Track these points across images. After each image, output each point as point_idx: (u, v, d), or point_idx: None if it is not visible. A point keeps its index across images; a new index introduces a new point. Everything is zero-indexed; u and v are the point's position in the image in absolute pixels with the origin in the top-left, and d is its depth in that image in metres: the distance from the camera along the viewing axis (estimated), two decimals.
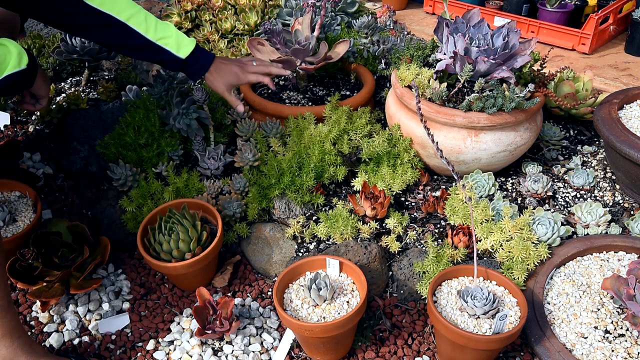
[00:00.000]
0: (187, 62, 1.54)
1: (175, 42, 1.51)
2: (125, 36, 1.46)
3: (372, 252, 1.47)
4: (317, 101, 1.95)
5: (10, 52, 1.30)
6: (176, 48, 1.51)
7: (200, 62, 1.57)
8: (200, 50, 1.57)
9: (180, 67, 1.55)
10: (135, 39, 1.46)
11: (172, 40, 1.50)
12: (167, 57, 1.51)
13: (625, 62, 2.36)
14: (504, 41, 1.56)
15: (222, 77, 1.61)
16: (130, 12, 1.45)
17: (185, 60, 1.53)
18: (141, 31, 1.46)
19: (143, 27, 1.47)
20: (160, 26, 1.50)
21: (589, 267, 1.45)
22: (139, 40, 1.47)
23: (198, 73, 1.58)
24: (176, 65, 1.54)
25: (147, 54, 1.51)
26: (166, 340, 1.45)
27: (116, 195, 1.75)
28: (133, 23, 1.45)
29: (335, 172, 1.67)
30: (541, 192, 1.64)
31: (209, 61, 1.58)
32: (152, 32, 1.48)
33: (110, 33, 1.45)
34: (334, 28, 2.17)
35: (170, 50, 1.50)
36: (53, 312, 1.51)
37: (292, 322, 1.25)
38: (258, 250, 1.63)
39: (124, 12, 1.44)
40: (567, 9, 2.54)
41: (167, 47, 1.50)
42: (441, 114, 1.56)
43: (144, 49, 1.49)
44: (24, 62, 1.33)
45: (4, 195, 1.65)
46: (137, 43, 1.47)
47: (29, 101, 1.56)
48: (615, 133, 1.55)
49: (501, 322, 1.20)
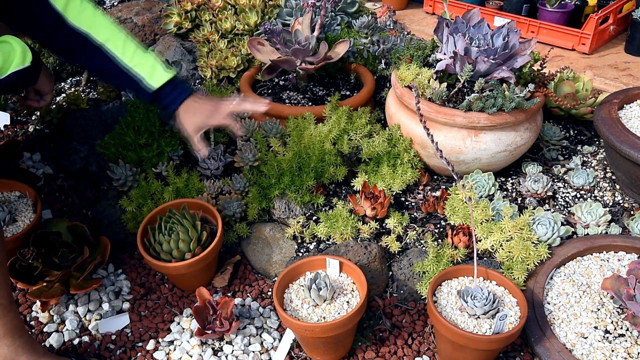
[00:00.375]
0: (159, 95, 1.46)
1: (149, 70, 1.44)
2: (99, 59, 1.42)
3: (372, 252, 1.47)
4: (317, 101, 1.95)
5: (15, 49, 1.30)
6: (149, 76, 1.44)
7: (172, 96, 1.47)
8: (177, 84, 1.48)
9: (151, 98, 1.47)
10: (109, 62, 1.42)
11: (146, 68, 1.44)
12: (138, 86, 1.44)
13: (625, 62, 2.36)
14: (504, 41, 1.56)
15: (191, 117, 1.48)
16: (109, 34, 1.42)
17: (157, 92, 1.45)
18: (117, 54, 1.42)
19: (120, 51, 1.42)
20: (139, 53, 1.44)
21: (589, 267, 1.45)
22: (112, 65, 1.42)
23: (169, 107, 1.49)
24: (146, 95, 1.46)
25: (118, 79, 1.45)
26: (166, 340, 1.45)
27: (116, 195, 1.75)
28: (110, 46, 1.42)
29: (335, 172, 1.67)
30: (541, 192, 1.64)
31: (183, 96, 1.48)
32: (128, 57, 1.43)
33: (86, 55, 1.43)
34: (334, 28, 2.17)
35: (142, 78, 1.43)
36: (53, 312, 1.51)
37: (292, 322, 1.25)
38: (258, 250, 1.63)
39: (101, 33, 1.41)
40: (567, 9, 2.54)
41: (139, 74, 1.43)
42: (441, 114, 1.56)
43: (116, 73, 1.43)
44: (28, 59, 1.32)
45: (4, 195, 1.65)
46: (110, 67, 1.43)
47: (33, 97, 1.56)
48: (615, 133, 1.55)
49: (501, 322, 1.20)
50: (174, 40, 2.35)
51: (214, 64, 2.11)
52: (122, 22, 2.50)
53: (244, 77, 2.04)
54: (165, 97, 1.47)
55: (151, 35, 2.49)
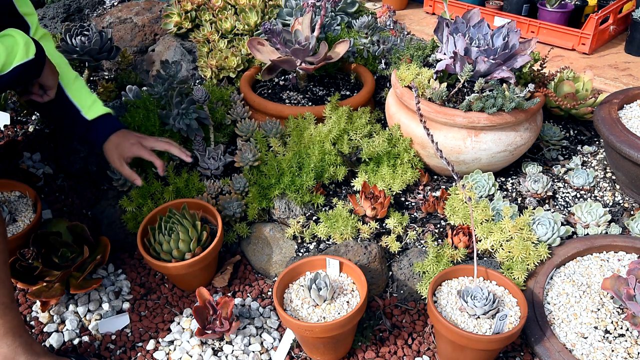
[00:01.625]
0: (91, 127, 1.56)
1: (88, 103, 1.56)
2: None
3: (372, 252, 1.47)
4: (317, 101, 1.95)
5: (18, 42, 1.28)
6: (87, 109, 1.55)
7: (103, 129, 1.58)
8: (109, 120, 1.59)
9: (84, 129, 1.56)
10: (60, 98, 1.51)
11: (86, 101, 1.55)
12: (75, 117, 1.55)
13: (625, 62, 2.36)
14: (504, 41, 1.56)
15: (117, 148, 1.58)
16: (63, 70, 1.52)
17: (90, 123, 1.56)
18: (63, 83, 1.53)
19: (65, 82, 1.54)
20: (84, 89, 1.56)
21: (589, 267, 1.45)
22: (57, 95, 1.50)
23: (98, 140, 1.59)
24: (80, 126, 1.56)
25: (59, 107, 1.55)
26: (166, 340, 1.45)
27: (116, 195, 1.75)
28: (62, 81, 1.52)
29: (335, 172, 1.67)
30: (541, 192, 1.64)
31: (112, 130, 1.59)
32: (73, 89, 1.54)
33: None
34: (334, 28, 2.17)
35: (79, 108, 1.55)
36: (53, 312, 1.51)
37: (292, 322, 1.25)
38: (258, 250, 1.63)
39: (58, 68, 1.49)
40: (567, 9, 2.54)
41: (77, 104, 1.54)
42: (441, 114, 1.56)
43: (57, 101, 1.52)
44: (31, 51, 1.31)
45: (4, 195, 1.65)
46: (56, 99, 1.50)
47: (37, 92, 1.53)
48: (615, 133, 1.55)
49: (501, 322, 1.20)
50: (174, 40, 2.35)
51: (214, 64, 2.11)
52: (122, 22, 2.50)
53: (244, 77, 2.04)
54: (96, 129, 1.58)
55: (151, 35, 2.49)
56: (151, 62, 2.36)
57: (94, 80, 2.33)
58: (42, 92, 1.54)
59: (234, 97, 1.93)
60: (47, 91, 1.54)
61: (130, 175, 1.60)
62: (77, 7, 2.80)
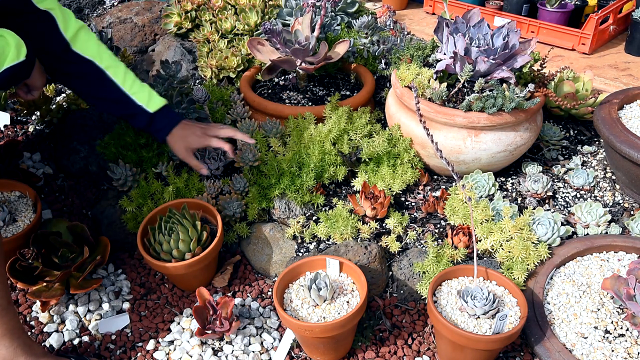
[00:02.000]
0: (154, 119, 1.57)
1: (147, 96, 1.56)
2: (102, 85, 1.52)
3: (372, 252, 1.47)
4: (317, 101, 1.95)
5: (9, 44, 1.27)
6: (146, 102, 1.56)
7: (166, 121, 1.59)
8: (169, 112, 1.60)
9: (146, 121, 1.57)
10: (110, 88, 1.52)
11: (144, 95, 1.56)
12: (136, 110, 1.55)
13: (625, 62, 2.36)
14: (504, 41, 1.56)
15: (183, 140, 1.61)
16: (110, 62, 1.52)
17: (153, 115, 1.56)
18: (118, 81, 1.53)
19: (120, 79, 1.53)
20: (137, 82, 1.56)
21: (589, 267, 1.45)
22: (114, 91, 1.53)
23: (162, 131, 1.60)
24: (143, 118, 1.57)
25: (117, 105, 1.56)
26: (166, 340, 1.45)
27: (116, 195, 1.75)
28: (111, 72, 1.52)
29: (335, 172, 1.67)
30: (541, 192, 1.64)
31: (174, 122, 1.60)
32: (129, 85, 1.54)
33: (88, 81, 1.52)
34: (334, 28, 2.17)
35: (140, 103, 1.55)
36: (53, 312, 1.51)
37: (292, 322, 1.25)
38: (258, 250, 1.63)
39: (104, 61, 1.52)
40: (567, 9, 2.54)
41: (138, 100, 1.55)
42: (441, 114, 1.56)
43: (116, 99, 1.54)
44: (22, 53, 1.29)
45: (4, 195, 1.65)
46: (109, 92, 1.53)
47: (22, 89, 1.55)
48: (615, 133, 1.55)
49: (501, 322, 1.20)
50: (174, 40, 2.35)
51: (214, 64, 2.11)
52: (122, 22, 2.50)
53: (244, 77, 2.04)
54: (159, 121, 1.58)
55: (151, 35, 2.49)
56: (151, 62, 2.36)
57: None
58: (26, 90, 1.55)
59: (234, 97, 1.93)
60: (32, 91, 1.55)
61: (197, 165, 1.63)
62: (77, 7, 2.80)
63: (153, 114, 1.57)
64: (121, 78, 1.53)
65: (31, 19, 1.44)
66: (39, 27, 1.45)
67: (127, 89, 1.54)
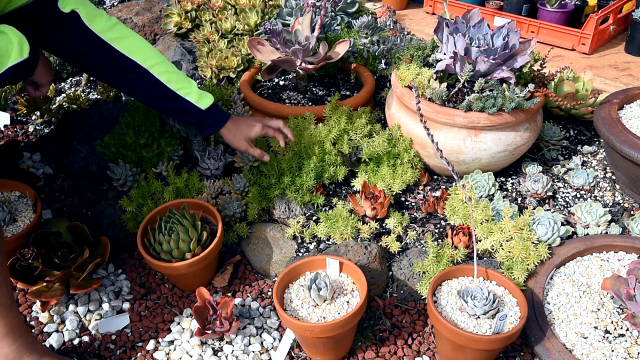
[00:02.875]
0: (206, 114, 1.57)
1: (196, 93, 1.55)
2: (149, 84, 1.51)
3: (372, 252, 1.47)
4: (317, 101, 1.95)
5: (12, 41, 1.22)
6: (197, 99, 1.55)
7: (217, 117, 1.60)
8: (218, 107, 1.61)
9: (198, 118, 1.58)
10: (157, 87, 1.51)
11: (193, 91, 1.55)
12: (187, 107, 1.55)
13: (625, 62, 2.36)
14: (504, 41, 1.56)
15: (240, 131, 1.62)
16: (154, 60, 1.51)
17: (205, 112, 1.56)
18: (164, 80, 1.51)
19: (166, 77, 1.51)
20: (182, 77, 1.55)
21: (589, 267, 1.45)
22: (161, 89, 1.51)
23: (214, 126, 1.61)
24: (194, 115, 1.57)
25: (166, 102, 1.55)
26: (166, 340, 1.45)
27: (116, 195, 1.75)
28: (156, 71, 1.50)
29: (335, 172, 1.67)
30: (541, 192, 1.64)
31: (225, 117, 1.62)
32: (174, 82, 1.52)
33: (135, 80, 1.51)
34: (334, 28, 2.17)
35: (190, 100, 1.54)
36: (53, 312, 1.51)
37: (292, 322, 1.25)
38: (258, 250, 1.63)
39: (148, 59, 1.50)
40: (567, 9, 2.54)
41: (187, 97, 1.54)
42: (441, 114, 1.56)
43: (164, 98, 1.53)
44: (25, 50, 1.25)
45: (4, 195, 1.65)
46: (158, 92, 1.52)
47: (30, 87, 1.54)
48: (615, 133, 1.55)
49: (501, 322, 1.20)
50: (174, 40, 2.35)
51: (214, 64, 2.11)
52: (122, 22, 2.50)
53: (244, 77, 2.04)
54: (211, 116, 1.59)
55: (151, 35, 2.49)
56: None
57: (94, 80, 2.33)
58: (34, 87, 1.53)
59: (234, 97, 1.93)
60: (40, 88, 1.53)
61: (261, 154, 1.64)
62: None
63: (205, 111, 1.56)
64: (166, 77, 1.52)
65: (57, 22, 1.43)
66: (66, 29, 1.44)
67: (173, 87, 1.52)
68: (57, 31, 1.44)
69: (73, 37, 1.45)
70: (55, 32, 1.44)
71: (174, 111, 1.60)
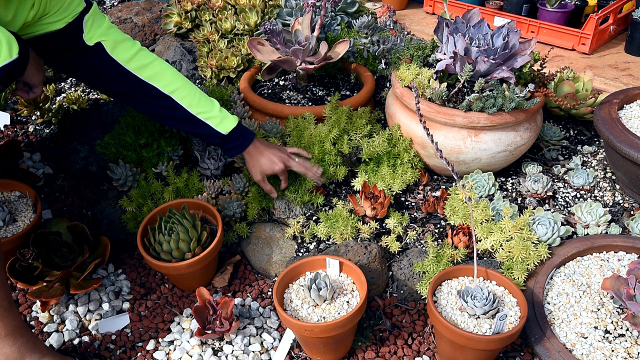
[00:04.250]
0: (227, 138, 1.55)
1: (218, 117, 1.53)
2: (169, 108, 1.50)
3: (372, 252, 1.47)
4: (317, 101, 1.95)
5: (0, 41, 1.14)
6: (217, 123, 1.53)
7: (240, 140, 1.57)
8: (242, 128, 1.58)
9: (219, 142, 1.56)
10: (178, 111, 1.51)
11: (214, 114, 1.53)
12: (208, 132, 1.53)
13: (625, 62, 2.36)
14: (504, 41, 1.56)
15: (259, 164, 1.57)
16: (176, 85, 1.50)
17: (226, 137, 1.54)
18: (184, 105, 1.50)
19: (187, 101, 1.50)
20: (204, 100, 1.53)
21: (589, 267, 1.45)
22: (181, 113, 1.51)
23: (236, 150, 1.58)
24: (215, 139, 1.55)
25: (188, 126, 1.54)
26: (166, 340, 1.45)
27: (116, 195, 1.75)
28: (177, 96, 1.49)
29: (335, 172, 1.67)
30: (541, 192, 1.64)
31: (248, 140, 1.57)
32: (195, 107, 1.51)
33: (155, 104, 1.51)
34: (334, 28, 2.17)
35: (211, 124, 1.52)
36: (53, 312, 1.51)
37: (292, 322, 1.25)
38: (258, 250, 1.63)
39: (169, 85, 1.49)
40: (567, 9, 2.54)
41: (208, 121, 1.52)
42: (441, 114, 1.56)
43: (186, 121, 1.52)
44: (14, 51, 1.17)
45: (4, 195, 1.65)
46: (179, 115, 1.51)
47: (22, 88, 1.49)
48: (615, 133, 1.55)
49: (501, 322, 1.20)
50: (174, 40, 2.35)
51: (214, 64, 2.11)
52: (122, 22, 2.50)
53: (244, 77, 2.04)
54: (233, 140, 1.56)
55: (151, 35, 2.49)
56: None
57: None
58: (27, 89, 1.50)
59: (234, 97, 1.93)
60: (33, 88, 1.49)
61: (270, 190, 1.61)
62: None
63: (226, 136, 1.54)
64: (187, 101, 1.50)
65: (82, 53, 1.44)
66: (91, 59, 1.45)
67: (194, 112, 1.51)
68: (82, 60, 1.45)
69: (98, 66, 1.46)
70: (80, 61, 1.46)
71: (197, 134, 1.61)
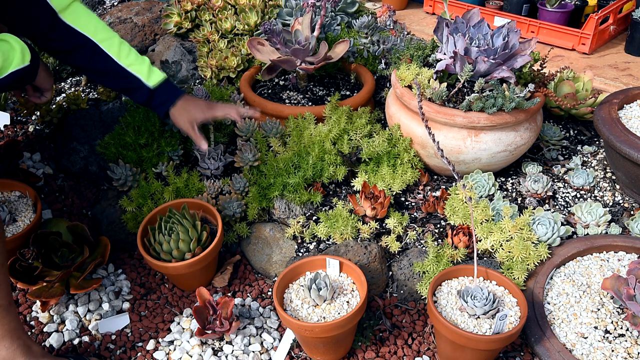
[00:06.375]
0: (154, 94, 1.54)
1: (146, 70, 1.52)
2: (97, 59, 1.48)
3: (372, 252, 1.47)
4: (317, 101, 1.95)
5: (14, 48, 1.30)
6: (146, 76, 1.52)
7: (166, 96, 1.56)
8: (169, 85, 1.57)
9: (147, 97, 1.54)
10: (106, 62, 1.48)
11: (143, 68, 1.52)
12: (136, 85, 1.51)
13: (625, 62, 2.36)
14: (504, 41, 1.56)
15: (187, 113, 1.58)
16: (105, 35, 1.48)
17: (153, 91, 1.53)
18: (112, 55, 1.49)
19: (115, 51, 1.49)
20: (133, 54, 1.52)
21: (589, 267, 1.45)
22: (109, 64, 1.49)
23: (163, 105, 1.57)
24: (143, 93, 1.53)
25: (115, 79, 1.52)
26: (166, 340, 1.45)
27: (116, 195, 1.75)
28: (105, 46, 1.48)
29: (335, 171, 1.67)
30: (541, 192, 1.64)
31: (176, 95, 1.57)
32: (124, 58, 1.50)
33: (82, 54, 1.48)
34: (334, 28, 2.17)
35: (139, 77, 1.51)
36: (53, 312, 1.51)
37: (292, 322, 1.25)
38: (258, 250, 1.63)
39: (98, 33, 1.47)
40: (567, 9, 2.54)
41: (137, 73, 1.51)
42: (441, 114, 1.56)
43: (113, 73, 1.50)
44: (27, 58, 1.33)
45: (4, 195, 1.65)
46: (107, 67, 1.49)
47: (32, 94, 1.56)
48: (615, 133, 1.55)
49: (501, 322, 1.20)
50: (174, 40, 2.35)
51: (214, 64, 2.11)
52: (122, 22, 2.50)
53: (244, 77, 2.04)
54: (159, 95, 1.55)
55: (151, 35, 2.49)
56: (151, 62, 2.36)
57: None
58: (38, 95, 1.56)
59: (234, 97, 1.93)
60: (44, 93, 1.55)
61: (198, 138, 1.60)
62: None
63: (153, 90, 1.53)
64: (116, 51, 1.49)
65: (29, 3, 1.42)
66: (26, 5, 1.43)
67: (123, 62, 1.50)
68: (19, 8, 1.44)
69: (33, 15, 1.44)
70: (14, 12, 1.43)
71: (124, 89, 1.57)
